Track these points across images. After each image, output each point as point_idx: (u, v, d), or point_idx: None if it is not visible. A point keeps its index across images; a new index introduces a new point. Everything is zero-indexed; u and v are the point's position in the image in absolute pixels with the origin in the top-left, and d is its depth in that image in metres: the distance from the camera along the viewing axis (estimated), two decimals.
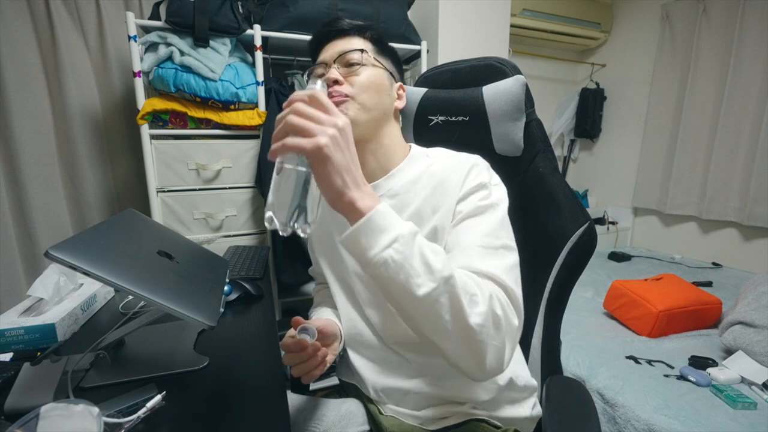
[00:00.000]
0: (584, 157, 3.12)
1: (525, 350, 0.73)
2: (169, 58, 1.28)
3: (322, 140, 0.40)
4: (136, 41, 1.26)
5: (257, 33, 1.38)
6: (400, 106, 0.70)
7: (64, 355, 0.58)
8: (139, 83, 1.29)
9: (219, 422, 0.46)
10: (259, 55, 1.40)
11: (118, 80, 1.58)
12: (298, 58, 1.61)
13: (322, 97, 0.44)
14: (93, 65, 1.54)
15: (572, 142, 3.02)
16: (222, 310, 0.56)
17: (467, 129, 0.76)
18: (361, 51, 0.63)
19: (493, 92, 0.72)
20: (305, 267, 0.83)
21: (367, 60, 0.64)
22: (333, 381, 0.79)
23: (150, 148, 1.33)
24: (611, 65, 2.84)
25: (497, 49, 1.83)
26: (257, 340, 0.67)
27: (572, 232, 0.65)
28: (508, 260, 0.54)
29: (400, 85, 0.71)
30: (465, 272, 0.49)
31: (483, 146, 0.74)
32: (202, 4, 1.26)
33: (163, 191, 1.38)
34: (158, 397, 0.45)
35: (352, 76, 0.62)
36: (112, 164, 1.63)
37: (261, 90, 1.41)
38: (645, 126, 2.62)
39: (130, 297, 0.81)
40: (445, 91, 0.79)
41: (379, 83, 0.64)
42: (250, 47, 1.42)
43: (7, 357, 0.59)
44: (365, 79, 0.62)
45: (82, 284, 0.79)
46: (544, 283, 0.69)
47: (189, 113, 1.34)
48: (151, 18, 1.33)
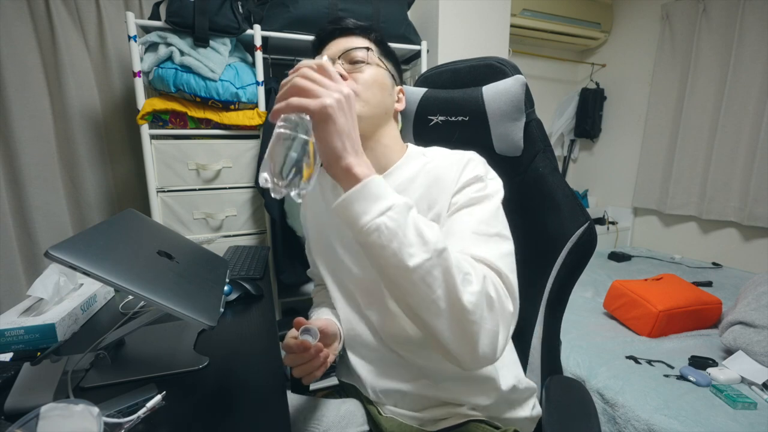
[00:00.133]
0: (584, 157, 3.12)
1: (525, 350, 0.73)
2: (169, 58, 1.28)
3: (327, 101, 0.42)
4: (136, 41, 1.26)
5: (257, 33, 1.38)
6: (400, 108, 0.70)
7: (64, 355, 0.58)
8: (139, 83, 1.29)
9: (219, 422, 0.46)
10: (259, 55, 1.40)
11: (118, 80, 1.58)
12: (298, 58, 1.62)
13: (329, 66, 0.45)
14: (93, 65, 1.54)
15: (572, 142, 3.02)
16: (222, 310, 0.56)
17: (467, 129, 0.76)
18: (367, 49, 0.63)
19: (493, 92, 0.72)
20: (305, 267, 0.83)
21: (372, 59, 0.64)
22: (333, 381, 0.79)
23: (150, 148, 1.33)
24: (611, 65, 2.84)
25: (497, 49, 1.83)
26: (257, 340, 0.67)
27: (572, 232, 0.65)
28: (502, 248, 0.53)
29: (400, 88, 0.71)
30: (459, 254, 0.48)
31: (483, 146, 0.74)
32: (202, 4, 1.26)
33: (163, 191, 1.38)
34: (158, 397, 0.45)
35: (356, 73, 0.62)
36: (112, 164, 1.63)
37: (261, 90, 1.41)
38: (645, 126, 2.62)
39: (130, 297, 0.81)
40: (445, 91, 0.79)
41: (383, 82, 0.65)
42: (250, 47, 1.42)
43: (7, 357, 0.59)
44: (369, 77, 0.62)
45: (82, 284, 0.79)
46: (543, 283, 0.69)
47: (189, 113, 1.34)
48: (151, 18, 1.33)
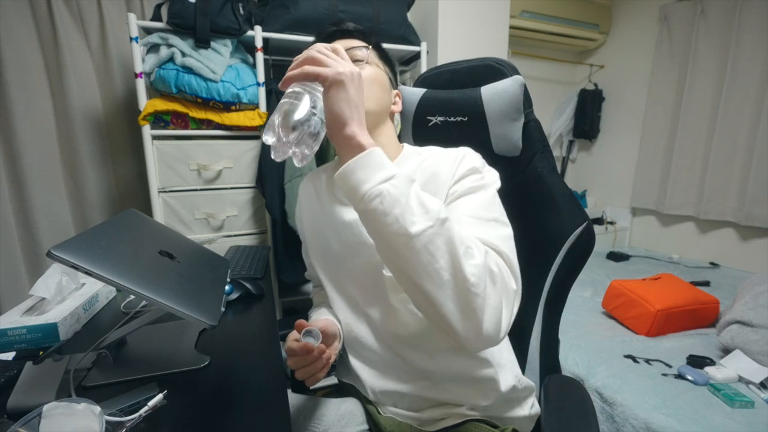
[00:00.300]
0: (583, 158, 3.12)
1: (524, 349, 0.74)
2: (171, 59, 1.29)
3: (341, 69, 0.45)
4: (137, 42, 1.27)
5: (258, 34, 1.39)
6: (396, 110, 0.71)
7: (66, 354, 0.58)
8: (141, 84, 1.30)
9: (220, 421, 0.46)
10: (260, 56, 1.40)
11: (120, 81, 1.59)
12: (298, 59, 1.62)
13: (342, 50, 0.49)
14: (95, 66, 1.55)
15: (571, 142, 3.02)
16: (223, 309, 0.56)
17: (466, 129, 0.77)
18: (367, 48, 0.65)
19: (492, 93, 0.72)
20: (305, 267, 0.84)
21: (372, 59, 0.66)
22: (332, 380, 0.80)
23: (151, 149, 1.34)
24: (610, 66, 2.84)
25: (496, 50, 1.83)
26: (258, 339, 0.67)
27: (570, 231, 0.66)
28: (501, 231, 0.53)
29: (397, 92, 0.72)
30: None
31: (482, 146, 0.74)
32: (203, 6, 1.26)
33: (165, 191, 1.38)
34: (160, 396, 0.45)
35: None
36: (114, 165, 1.64)
37: (262, 91, 1.42)
38: (643, 126, 2.63)
39: (132, 297, 0.81)
40: (444, 92, 0.79)
41: (382, 81, 0.66)
42: (251, 48, 1.43)
43: (9, 356, 0.59)
44: (370, 75, 0.63)
45: (84, 284, 0.79)
46: (542, 282, 0.70)
47: (190, 114, 1.35)
48: (152, 19, 1.34)
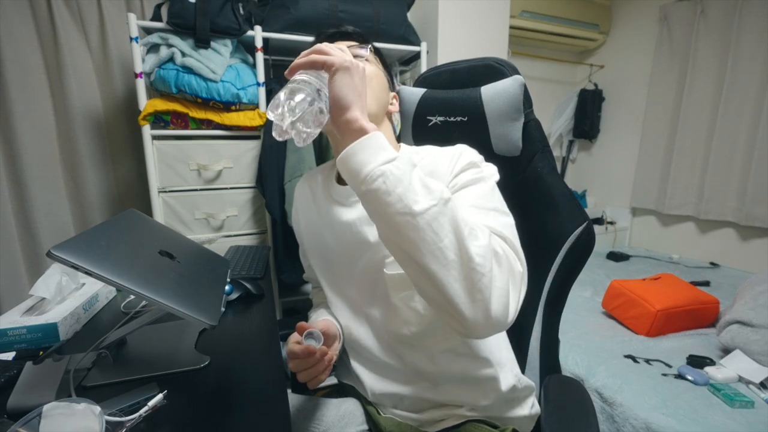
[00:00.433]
0: (583, 158, 3.12)
1: (523, 349, 0.74)
2: (171, 59, 1.29)
3: (347, 58, 0.47)
4: (137, 42, 1.27)
5: (258, 34, 1.39)
6: (393, 110, 0.71)
7: (66, 354, 0.58)
8: (141, 84, 1.30)
9: (220, 421, 0.46)
10: (259, 56, 1.40)
11: (120, 81, 1.59)
12: None
13: (346, 48, 0.53)
14: (95, 66, 1.55)
15: (571, 142, 3.02)
16: (223, 309, 0.56)
17: (466, 129, 0.76)
18: (368, 49, 0.65)
19: (492, 92, 0.72)
20: None
21: (371, 59, 0.66)
22: (332, 380, 0.79)
23: (151, 149, 1.34)
24: (610, 66, 2.84)
25: (497, 50, 1.83)
26: (258, 339, 0.67)
27: (570, 231, 0.66)
28: (502, 220, 0.53)
29: (394, 95, 0.72)
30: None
31: (482, 146, 0.74)
32: (203, 6, 1.26)
33: (165, 191, 1.38)
34: (159, 396, 0.45)
35: None
36: (114, 165, 1.64)
37: (262, 91, 1.42)
38: (643, 127, 2.63)
39: (132, 297, 0.81)
40: (444, 92, 0.79)
41: (382, 79, 0.67)
42: (251, 48, 1.43)
43: (9, 356, 0.59)
44: (370, 72, 0.63)
45: (84, 284, 0.79)
46: (542, 282, 0.70)
47: (190, 114, 1.35)
48: (152, 19, 1.34)
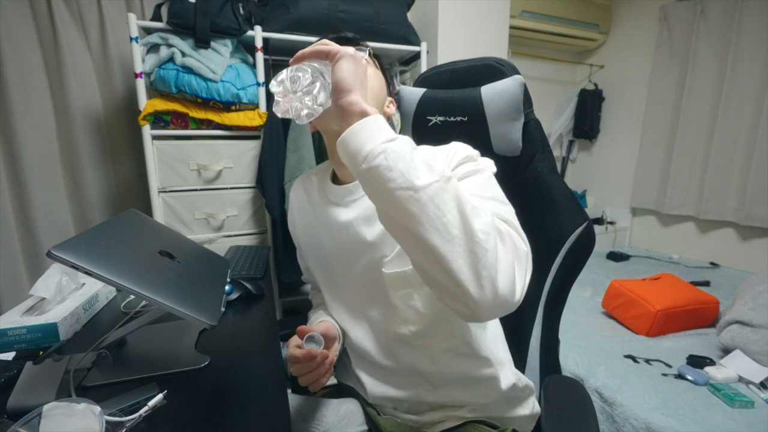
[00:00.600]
0: (583, 158, 3.12)
1: (523, 349, 0.74)
2: (171, 59, 1.29)
3: (350, 49, 0.49)
4: (137, 42, 1.27)
5: (258, 34, 1.39)
6: (389, 113, 0.71)
7: (66, 354, 0.58)
8: (141, 84, 1.30)
9: (220, 421, 0.46)
10: (259, 56, 1.40)
11: (120, 81, 1.59)
12: None
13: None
14: (95, 66, 1.55)
15: (571, 142, 3.02)
16: (223, 309, 0.56)
17: (466, 129, 0.76)
18: (368, 52, 0.65)
19: (492, 92, 0.72)
20: None
21: (370, 63, 0.66)
22: (332, 381, 0.80)
23: (151, 149, 1.34)
24: (610, 66, 2.84)
25: (497, 50, 1.83)
26: (258, 339, 0.67)
27: (570, 231, 0.66)
28: (502, 207, 0.52)
29: (391, 100, 0.73)
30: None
31: (481, 146, 0.74)
32: (203, 6, 1.26)
33: (165, 191, 1.38)
34: (159, 396, 0.45)
35: None
36: (114, 165, 1.64)
37: (262, 91, 1.42)
38: (643, 127, 2.63)
39: (132, 297, 0.81)
40: (444, 92, 0.79)
41: (381, 81, 0.67)
42: (251, 48, 1.43)
43: (9, 356, 0.59)
44: (370, 71, 0.64)
45: (84, 284, 0.79)
46: (542, 282, 0.70)
47: (190, 114, 1.35)
48: (152, 19, 1.34)
